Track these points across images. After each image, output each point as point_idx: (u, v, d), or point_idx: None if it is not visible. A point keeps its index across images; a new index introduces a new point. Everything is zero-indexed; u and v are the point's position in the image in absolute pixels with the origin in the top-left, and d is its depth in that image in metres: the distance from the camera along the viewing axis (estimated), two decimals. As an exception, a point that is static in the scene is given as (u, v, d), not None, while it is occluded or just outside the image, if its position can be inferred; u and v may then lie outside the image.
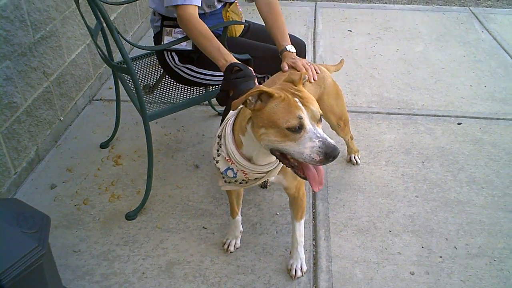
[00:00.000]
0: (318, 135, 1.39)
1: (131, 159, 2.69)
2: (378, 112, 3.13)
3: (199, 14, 2.04)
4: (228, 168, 1.65)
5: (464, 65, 3.75)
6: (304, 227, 2.00)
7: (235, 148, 1.61)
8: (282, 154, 1.48)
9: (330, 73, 2.23)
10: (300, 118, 1.40)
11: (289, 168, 1.55)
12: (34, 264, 1.52)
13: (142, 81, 2.50)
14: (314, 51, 3.96)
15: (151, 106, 2.28)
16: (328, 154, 1.36)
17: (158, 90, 2.44)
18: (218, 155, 1.66)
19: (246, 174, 1.65)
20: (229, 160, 1.63)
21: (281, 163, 1.61)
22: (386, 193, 2.45)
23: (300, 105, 1.42)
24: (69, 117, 2.98)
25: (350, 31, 4.38)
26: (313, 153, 1.38)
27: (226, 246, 2.12)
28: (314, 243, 2.17)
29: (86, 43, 3.14)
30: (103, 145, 2.78)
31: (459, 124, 3.01)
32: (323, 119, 1.52)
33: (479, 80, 3.54)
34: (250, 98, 1.45)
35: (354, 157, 2.64)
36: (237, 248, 2.13)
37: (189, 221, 2.28)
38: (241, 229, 2.14)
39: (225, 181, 1.74)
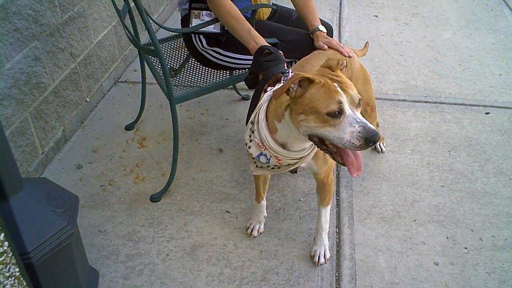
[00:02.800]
0: (358, 120, 1.38)
1: (156, 142, 2.71)
2: (404, 100, 3.09)
3: (228, -3, 2.03)
4: (261, 154, 1.65)
5: (493, 53, 3.66)
6: (328, 214, 1.99)
7: (269, 134, 1.60)
8: (320, 140, 1.47)
9: (357, 57, 2.20)
10: (340, 102, 1.38)
11: (323, 153, 1.57)
12: (63, 243, 1.56)
13: (167, 64, 2.50)
14: (340, 37, 3.91)
15: (176, 89, 2.28)
16: (369, 139, 1.35)
17: (183, 73, 2.44)
18: (250, 141, 1.66)
19: (280, 160, 1.65)
20: (262, 146, 1.63)
21: (314, 149, 1.61)
22: (411, 182, 2.43)
23: (340, 90, 1.41)
24: (95, 98, 3.00)
25: (377, 16, 4.31)
26: (353, 138, 1.37)
27: (249, 231, 2.12)
28: (337, 230, 2.16)
29: (112, 25, 3.15)
30: (128, 127, 2.80)
31: (487, 113, 2.95)
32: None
33: (509, 69, 3.45)
34: (292, 85, 1.43)
35: (379, 144, 2.61)
36: (260, 233, 2.13)
37: (213, 204, 2.29)
38: (265, 214, 2.14)
39: (256, 166, 1.74)
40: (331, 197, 1.93)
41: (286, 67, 1.82)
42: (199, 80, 2.39)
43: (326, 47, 2.11)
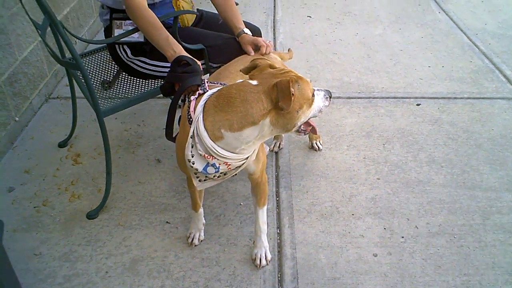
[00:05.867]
0: (317, 88, 1.71)
1: (91, 157, 2.64)
2: (338, 97, 3.15)
3: (148, 4, 2.00)
4: (208, 165, 1.62)
5: (422, 46, 3.80)
6: (268, 216, 2.00)
7: (214, 143, 1.56)
8: None
9: (284, 61, 2.23)
10: (310, 81, 1.66)
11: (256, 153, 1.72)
12: (-13, 272, 1.48)
13: (99, 77, 2.43)
14: (275, 38, 3.94)
15: (108, 101, 2.22)
16: (330, 96, 1.76)
17: (117, 85, 2.39)
18: (193, 156, 1.62)
19: (229, 164, 1.63)
20: (209, 157, 1.59)
21: (257, 148, 1.71)
22: (348, 177, 2.47)
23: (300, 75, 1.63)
24: (24, 117, 2.89)
25: (310, 17, 4.38)
26: (325, 101, 1.72)
27: (190, 240, 2.10)
28: (278, 231, 2.17)
29: (38, 40, 3.05)
30: (62, 144, 2.72)
31: (418, 105, 3.06)
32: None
33: (437, 60, 3.59)
34: (293, 89, 1.51)
35: (316, 143, 2.65)
36: (201, 241, 2.11)
37: (152, 216, 2.25)
38: (204, 221, 2.12)
39: (199, 180, 1.70)
40: (266, 197, 1.94)
41: (202, 79, 1.79)
42: (133, 91, 2.34)
43: (253, 52, 2.12)
